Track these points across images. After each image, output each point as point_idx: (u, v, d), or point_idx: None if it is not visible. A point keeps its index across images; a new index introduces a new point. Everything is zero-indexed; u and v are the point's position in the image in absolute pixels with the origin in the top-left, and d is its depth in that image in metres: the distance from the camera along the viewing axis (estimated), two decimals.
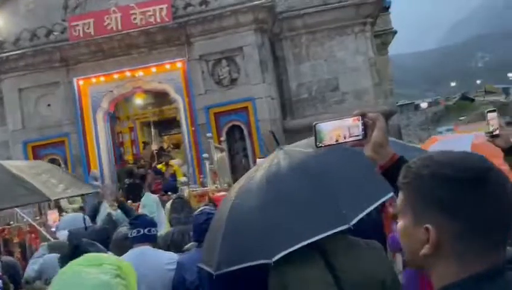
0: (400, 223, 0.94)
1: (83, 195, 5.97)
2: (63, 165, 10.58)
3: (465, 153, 0.92)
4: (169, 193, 8.13)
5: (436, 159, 0.91)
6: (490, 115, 2.25)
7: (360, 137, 1.29)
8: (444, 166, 0.88)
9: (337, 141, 1.31)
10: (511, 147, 2.20)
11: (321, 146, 1.33)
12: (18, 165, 3.91)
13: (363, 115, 1.30)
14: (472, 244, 0.86)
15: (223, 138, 9.88)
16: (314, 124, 1.33)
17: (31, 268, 3.72)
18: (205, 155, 7.78)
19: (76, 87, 10.91)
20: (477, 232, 0.85)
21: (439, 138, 5.18)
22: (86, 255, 1.35)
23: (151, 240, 3.19)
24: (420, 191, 0.89)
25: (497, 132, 2.21)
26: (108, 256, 1.38)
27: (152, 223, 3.31)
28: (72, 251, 2.32)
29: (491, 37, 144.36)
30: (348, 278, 1.96)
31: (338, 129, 1.30)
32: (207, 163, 7.58)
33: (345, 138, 1.30)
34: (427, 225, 0.87)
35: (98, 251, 2.33)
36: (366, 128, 1.29)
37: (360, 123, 1.29)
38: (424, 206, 0.89)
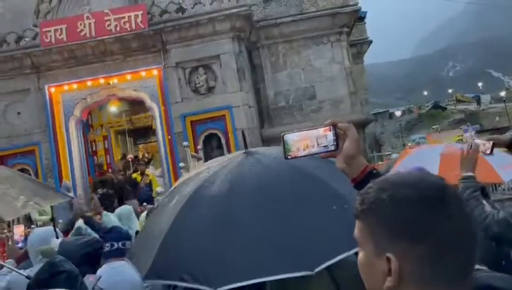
0: (360, 255, 0.87)
1: (50, 205, 5.69)
2: (33, 176, 10.22)
3: (422, 173, 0.88)
4: (144, 203, 7.92)
5: (393, 181, 0.85)
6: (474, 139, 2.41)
7: (332, 148, 1.24)
8: (404, 187, 0.83)
9: (304, 151, 1.25)
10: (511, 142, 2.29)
11: (289, 158, 1.26)
12: None
13: (334, 125, 1.24)
14: (438, 269, 0.79)
15: (200, 147, 9.75)
16: (282, 134, 1.27)
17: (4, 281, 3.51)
18: (182, 164, 7.65)
19: (47, 95, 10.60)
20: (442, 255, 0.79)
21: (409, 150, 5.32)
22: None
23: (125, 254, 3.05)
24: (380, 217, 0.82)
25: (488, 151, 2.34)
26: None
27: (127, 236, 3.17)
28: (46, 268, 2.19)
29: (462, 48, 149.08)
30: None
31: (305, 139, 1.25)
32: (183, 172, 7.44)
33: (313, 148, 1.24)
34: (388, 254, 0.80)
35: (72, 269, 2.20)
36: (338, 139, 1.23)
37: (331, 133, 1.24)
38: (384, 234, 0.82)
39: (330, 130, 1.24)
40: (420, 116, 59.60)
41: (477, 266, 1.13)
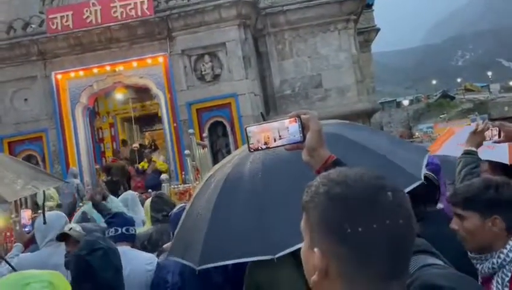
0: (302, 247, 0.88)
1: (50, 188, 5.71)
2: (40, 162, 10.33)
3: (362, 171, 0.85)
4: (149, 190, 7.98)
5: (331, 177, 0.85)
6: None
7: (298, 139, 1.21)
8: (337, 185, 0.82)
9: (266, 144, 1.23)
10: None
11: (251, 150, 1.24)
12: None
13: (298, 117, 1.21)
14: (363, 270, 0.78)
15: (205, 134, 9.76)
16: (245, 127, 1.26)
17: (5, 268, 3.57)
18: (187, 152, 7.65)
19: (54, 82, 10.64)
20: (367, 257, 0.78)
21: (456, 129, 4.92)
22: (14, 275, 1.25)
23: (129, 239, 3.09)
24: (315, 211, 0.83)
25: (496, 138, 2.32)
26: (39, 273, 1.26)
27: (131, 222, 3.20)
28: (85, 245, 2.31)
29: (472, 37, 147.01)
30: None
31: (266, 131, 1.22)
32: (189, 160, 7.47)
33: (275, 140, 1.22)
34: (316, 249, 0.80)
35: (108, 246, 2.33)
36: (304, 130, 1.21)
37: (297, 125, 1.21)
38: (316, 229, 0.82)
39: (296, 122, 1.21)
40: (428, 105, 59.19)
41: (430, 261, 1.12)
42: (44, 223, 3.40)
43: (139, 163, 11.49)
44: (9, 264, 3.06)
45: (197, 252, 1.97)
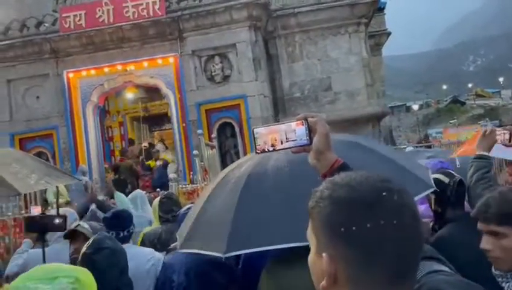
0: (310, 253, 0.88)
1: (63, 184, 5.76)
2: (50, 159, 10.43)
3: (367, 174, 0.85)
4: (158, 189, 8.02)
5: (336, 181, 0.85)
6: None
7: (304, 142, 1.21)
8: (341, 188, 0.82)
9: (273, 146, 1.22)
10: None
11: (258, 152, 1.24)
12: None
13: (305, 120, 1.21)
14: (371, 273, 0.78)
15: (214, 135, 9.79)
16: (253, 128, 1.25)
17: (15, 263, 3.62)
18: (195, 152, 7.67)
19: (66, 80, 10.75)
20: (373, 260, 0.78)
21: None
22: (42, 267, 1.25)
23: (128, 240, 3.12)
24: (321, 215, 0.83)
25: (507, 142, 2.33)
26: (67, 267, 1.28)
27: (131, 222, 3.20)
28: (91, 244, 2.32)
29: (484, 42, 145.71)
30: None
31: (273, 133, 1.22)
32: (197, 160, 7.49)
33: (281, 142, 1.21)
34: (324, 254, 0.80)
35: (114, 246, 2.34)
36: (311, 133, 1.20)
37: (304, 128, 1.20)
38: (323, 233, 0.82)
39: (303, 124, 1.21)
40: (438, 110, 58.71)
41: (437, 267, 1.12)
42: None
43: (147, 161, 11.57)
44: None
45: (221, 243, 1.92)
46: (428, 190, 1.92)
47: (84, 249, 2.31)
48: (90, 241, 2.35)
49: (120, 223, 3.10)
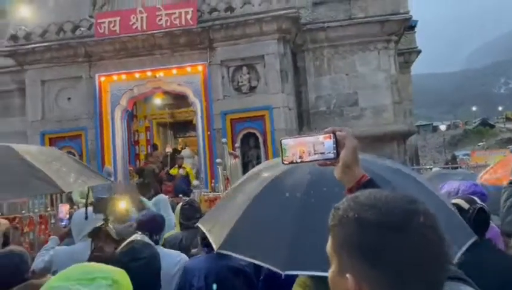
0: (330, 271, 0.87)
1: (93, 185, 5.86)
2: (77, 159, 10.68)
3: (392, 195, 0.85)
4: (180, 195, 8.11)
5: (361, 201, 0.84)
6: None
7: (331, 156, 1.21)
8: (367, 209, 0.82)
9: (301, 158, 1.23)
10: None
11: (285, 163, 1.25)
12: (29, 151, 3.53)
13: (334, 133, 1.21)
14: None
15: (237, 145, 9.85)
16: (280, 139, 1.27)
17: (41, 259, 3.68)
18: (218, 160, 7.74)
19: (97, 83, 11.05)
20: (400, 282, 0.78)
21: None
22: (79, 267, 1.24)
23: (158, 243, 3.16)
24: (344, 235, 0.83)
25: None
26: (106, 268, 1.26)
27: (164, 226, 3.24)
28: (127, 251, 2.27)
29: None
30: None
31: (302, 145, 1.23)
32: (220, 168, 7.55)
33: (309, 155, 1.22)
34: (348, 274, 0.80)
35: (152, 254, 2.27)
36: (339, 147, 1.21)
37: (331, 141, 1.21)
38: (347, 253, 0.82)
39: (330, 138, 1.21)
40: (466, 131, 57.41)
41: (462, 288, 1.10)
42: (86, 218, 3.48)
43: (171, 167, 11.70)
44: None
45: (281, 258, 1.83)
46: (472, 238, 1.82)
47: (118, 254, 2.24)
48: (127, 248, 2.27)
49: (154, 226, 3.14)
